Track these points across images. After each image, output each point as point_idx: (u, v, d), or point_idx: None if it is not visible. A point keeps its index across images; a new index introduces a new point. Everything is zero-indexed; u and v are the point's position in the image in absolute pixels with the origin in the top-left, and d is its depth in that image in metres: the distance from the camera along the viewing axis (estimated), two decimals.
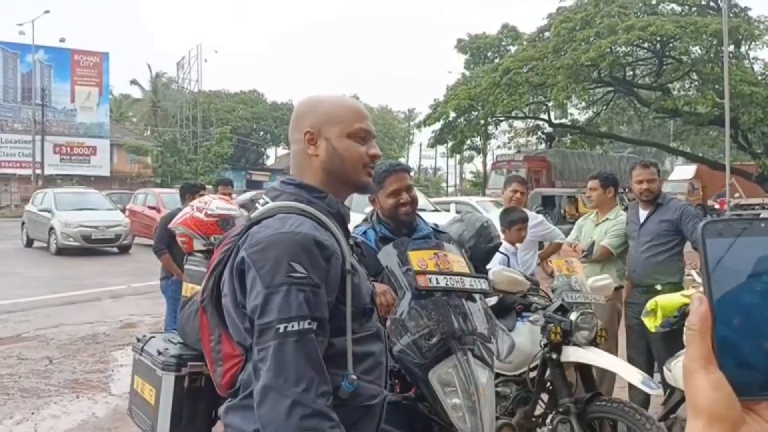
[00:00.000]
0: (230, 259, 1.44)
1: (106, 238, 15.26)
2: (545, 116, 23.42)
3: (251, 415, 1.37)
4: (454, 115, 21.11)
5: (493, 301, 3.10)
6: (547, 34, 20.50)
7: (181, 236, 2.98)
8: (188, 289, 2.73)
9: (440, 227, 2.94)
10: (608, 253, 4.33)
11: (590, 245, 4.19)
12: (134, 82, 46.35)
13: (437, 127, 22.12)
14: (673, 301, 3.42)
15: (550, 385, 3.28)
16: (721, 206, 20.35)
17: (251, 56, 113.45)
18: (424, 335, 2.19)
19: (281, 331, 1.31)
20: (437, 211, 13.33)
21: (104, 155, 36.90)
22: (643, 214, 4.21)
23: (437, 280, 2.25)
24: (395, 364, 2.15)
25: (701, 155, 24.41)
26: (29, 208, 17.08)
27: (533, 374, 3.27)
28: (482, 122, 21.20)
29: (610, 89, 21.02)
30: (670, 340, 3.59)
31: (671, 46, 18.53)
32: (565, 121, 25.50)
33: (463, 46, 30.79)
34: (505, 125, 27.62)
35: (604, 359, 3.18)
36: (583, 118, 25.12)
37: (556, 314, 3.18)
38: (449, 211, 13.49)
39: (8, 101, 35.10)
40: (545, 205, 16.26)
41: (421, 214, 2.91)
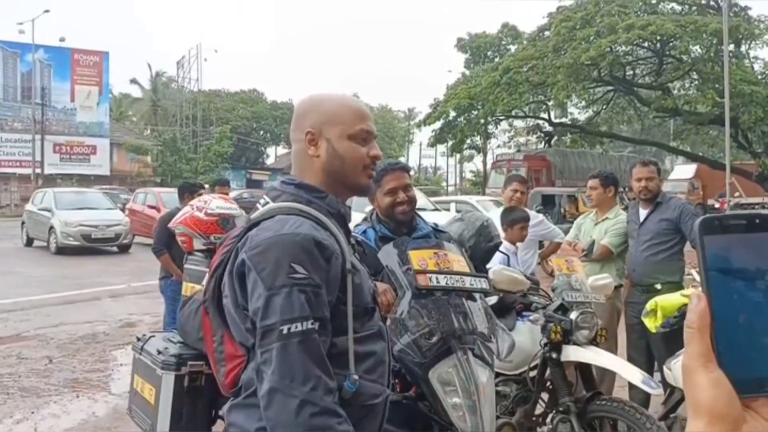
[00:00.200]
0: (230, 260, 1.44)
1: (105, 237, 15.26)
2: (545, 115, 23.41)
3: (254, 413, 1.38)
4: (454, 114, 21.11)
5: (493, 300, 3.10)
6: (547, 33, 20.49)
7: (180, 235, 2.98)
8: (188, 288, 2.73)
9: (440, 226, 2.94)
10: (608, 252, 4.33)
11: (590, 244, 4.19)
12: (134, 81, 46.44)
13: (437, 126, 22.12)
14: (672, 301, 3.42)
15: (550, 384, 3.28)
16: (721, 206, 20.33)
17: (251, 55, 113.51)
18: (424, 334, 2.19)
19: (284, 332, 1.31)
20: (437, 210, 13.32)
21: (104, 154, 36.91)
22: (642, 213, 4.21)
23: (437, 279, 2.25)
24: (395, 363, 2.15)
25: (701, 154, 24.40)
26: (29, 207, 17.08)
27: (533, 373, 3.27)
28: (482, 121, 21.20)
29: (610, 88, 21.02)
30: (670, 339, 3.59)
31: (671, 45, 18.53)
32: (565, 120, 25.50)
33: (463, 45, 30.79)
34: (505, 124, 27.66)
35: (604, 358, 3.18)
36: (583, 117, 25.12)
37: (556, 313, 3.18)
38: (449, 210, 13.49)
39: (8, 100, 35.10)
40: (545, 204, 16.22)
41: (420, 213, 2.91)
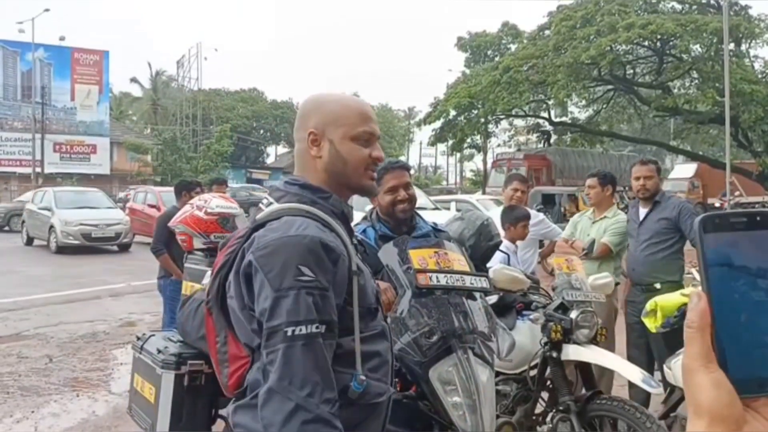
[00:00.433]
0: (235, 261, 1.44)
1: (106, 236, 15.27)
2: (545, 114, 23.39)
3: None
4: (454, 113, 21.08)
5: (493, 299, 3.10)
6: (547, 32, 20.47)
7: (180, 235, 2.98)
8: (188, 287, 2.73)
9: (439, 226, 2.94)
10: (608, 250, 4.33)
11: (591, 243, 4.19)
12: (134, 80, 46.40)
13: (437, 125, 22.09)
14: (672, 300, 3.42)
15: (550, 383, 3.28)
16: (722, 205, 20.33)
17: (251, 54, 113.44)
18: (424, 333, 2.19)
19: (289, 334, 1.31)
20: (437, 209, 13.32)
21: (104, 153, 36.91)
22: (642, 212, 4.21)
23: (437, 278, 2.25)
24: (396, 362, 2.15)
25: (701, 153, 24.37)
26: (29, 206, 17.07)
27: (533, 372, 3.27)
28: (482, 120, 21.18)
29: (610, 87, 21.00)
30: (670, 339, 3.59)
31: (671, 44, 18.51)
32: (565, 119, 25.49)
33: (463, 44, 30.76)
34: (505, 123, 27.63)
35: (604, 358, 3.18)
36: (583, 116, 25.11)
37: (556, 312, 3.18)
38: (449, 209, 13.48)
39: (8, 99, 35.10)
40: (545, 203, 16.23)
41: (420, 212, 2.91)
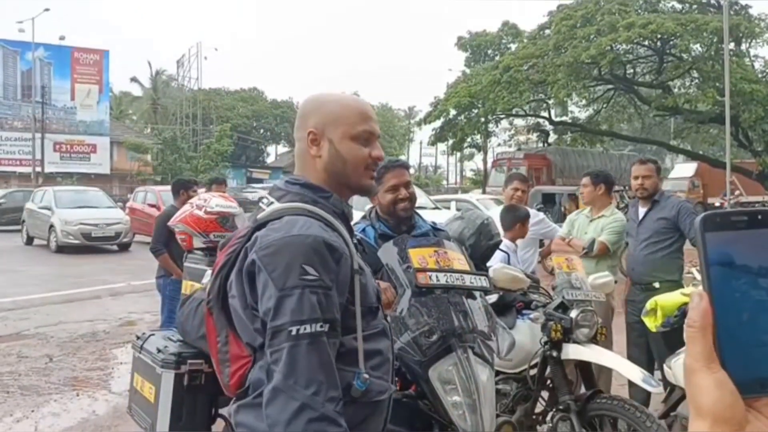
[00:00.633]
0: (237, 261, 1.44)
1: (105, 235, 15.27)
2: (546, 114, 23.38)
3: (263, 413, 1.38)
4: (454, 112, 21.07)
5: (493, 298, 3.10)
6: (547, 31, 20.45)
7: (180, 234, 2.98)
8: (188, 286, 2.73)
9: (438, 225, 2.94)
10: (605, 249, 4.34)
11: (591, 242, 4.21)
12: (134, 79, 46.34)
13: (437, 124, 22.08)
14: (673, 300, 3.41)
15: (550, 382, 3.28)
16: (722, 204, 20.30)
17: (251, 54, 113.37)
18: (424, 333, 2.19)
19: (294, 333, 1.31)
20: (437, 208, 13.31)
21: (104, 153, 36.90)
22: (642, 211, 4.21)
23: (437, 277, 2.25)
24: (396, 361, 2.15)
25: (702, 153, 24.35)
26: (29, 205, 17.08)
27: (533, 372, 3.27)
28: (483, 120, 21.17)
29: (610, 87, 20.98)
30: (670, 338, 3.59)
31: (672, 43, 18.49)
32: (565, 118, 25.47)
33: (463, 43, 30.79)
34: (505, 123, 27.59)
35: (604, 357, 3.18)
36: (583, 115, 25.09)
37: (556, 312, 3.18)
38: (449, 208, 13.48)
39: (8, 99, 35.09)
40: (545, 202, 16.20)
41: (421, 212, 2.91)
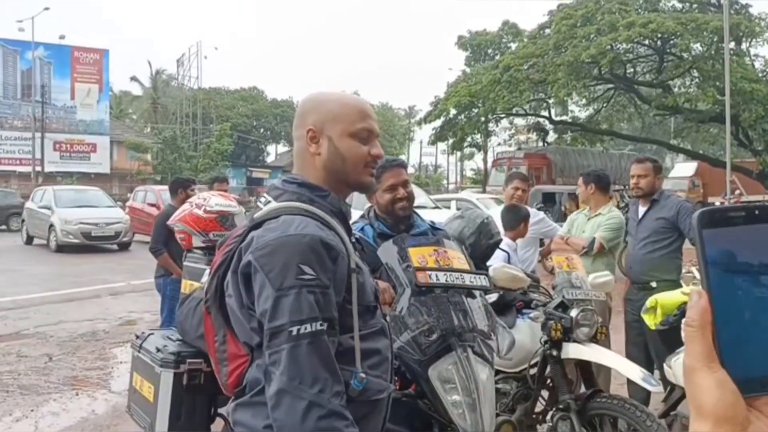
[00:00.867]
0: (233, 260, 1.43)
1: (105, 235, 15.26)
2: (546, 113, 23.37)
3: (261, 411, 1.38)
4: (454, 112, 21.06)
5: (493, 297, 3.09)
6: (547, 30, 20.44)
7: (179, 233, 2.97)
8: (187, 285, 2.72)
9: (437, 224, 2.93)
10: (601, 246, 4.36)
11: (591, 241, 4.22)
12: (134, 79, 46.30)
13: (438, 124, 22.08)
14: (673, 298, 3.41)
15: (550, 381, 3.27)
16: (722, 204, 20.26)
17: (251, 53, 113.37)
18: (423, 332, 2.18)
19: (294, 333, 1.31)
20: (437, 208, 13.30)
21: (104, 152, 36.88)
22: (641, 210, 4.22)
23: (437, 276, 2.24)
24: (395, 360, 2.15)
25: (702, 152, 24.33)
26: (29, 205, 17.07)
27: (533, 371, 3.26)
28: (483, 119, 21.16)
29: (610, 86, 20.96)
30: (668, 337, 3.59)
31: (672, 43, 18.48)
32: (565, 118, 25.47)
33: (463, 42, 30.78)
34: (505, 122, 27.57)
35: (604, 356, 3.18)
36: (583, 115, 25.08)
37: (556, 311, 3.18)
38: (450, 208, 13.47)
39: (8, 98, 35.07)
40: (546, 202, 16.17)
41: (421, 211, 2.91)
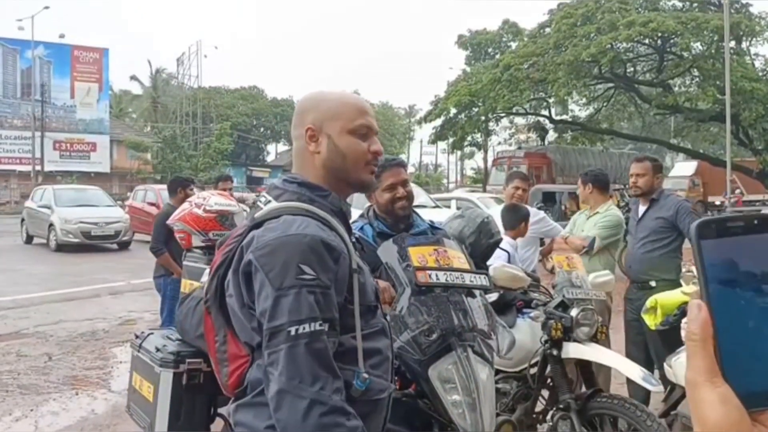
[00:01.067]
0: (233, 260, 1.43)
1: (105, 234, 15.24)
2: (546, 112, 23.38)
3: (262, 412, 1.38)
4: (454, 111, 21.09)
5: (493, 297, 3.09)
6: (547, 30, 20.45)
7: (179, 232, 2.97)
8: (187, 285, 2.72)
9: (436, 223, 2.93)
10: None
11: (591, 241, 4.23)
12: (134, 78, 46.33)
13: (438, 123, 22.11)
14: (673, 298, 3.41)
15: (550, 381, 3.27)
16: (722, 203, 20.29)
17: (251, 52, 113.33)
18: (423, 331, 2.18)
19: (292, 333, 1.30)
20: (438, 207, 13.30)
21: (104, 151, 36.90)
22: (641, 209, 4.23)
23: (437, 276, 2.24)
24: (395, 360, 2.14)
25: (702, 152, 24.37)
26: (29, 204, 17.06)
27: (534, 370, 3.26)
28: (483, 118, 21.18)
29: (610, 85, 20.99)
30: (668, 336, 3.58)
31: (672, 42, 18.50)
32: (566, 117, 25.47)
33: (463, 42, 30.78)
34: (505, 121, 27.60)
35: (604, 355, 3.17)
36: (584, 114, 25.11)
37: (556, 310, 3.17)
38: (450, 207, 13.46)
39: (8, 97, 35.07)
40: (546, 201, 16.18)
41: (421, 211, 2.91)
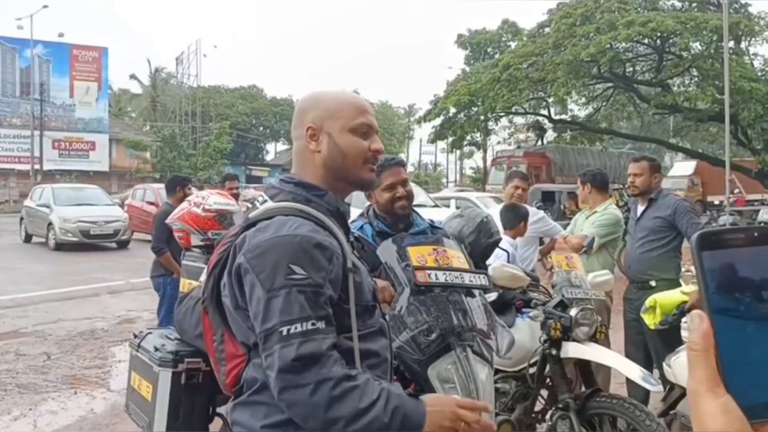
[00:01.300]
0: (228, 260, 1.43)
1: (104, 233, 15.24)
2: (545, 112, 23.38)
3: (259, 411, 1.39)
4: (454, 110, 21.08)
5: (492, 297, 3.09)
6: (547, 29, 20.43)
7: (178, 231, 2.96)
8: (185, 284, 2.71)
9: (436, 223, 2.93)
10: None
11: (590, 240, 4.22)
12: (133, 77, 46.34)
13: (437, 122, 22.10)
14: (672, 298, 3.42)
15: (549, 381, 3.27)
16: (722, 202, 20.30)
17: (250, 51, 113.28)
18: (423, 331, 2.17)
19: (284, 334, 1.30)
20: (437, 206, 13.30)
21: (103, 150, 36.87)
22: (640, 209, 4.23)
23: (436, 275, 2.23)
24: (394, 360, 2.14)
25: (701, 151, 24.37)
26: (28, 203, 17.05)
27: (533, 370, 3.26)
28: (482, 118, 21.16)
29: (609, 85, 20.97)
30: (667, 336, 3.59)
31: (671, 41, 18.49)
32: (565, 117, 25.45)
33: (463, 41, 30.80)
34: (505, 121, 27.59)
35: (604, 355, 3.17)
36: (583, 113, 25.09)
37: (556, 310, 3.17)
38: (449, 207, 13.46)
39: (7, 96, 35.04)
40: (545, 201, 16.18)
41: (420, 210, 2.90)
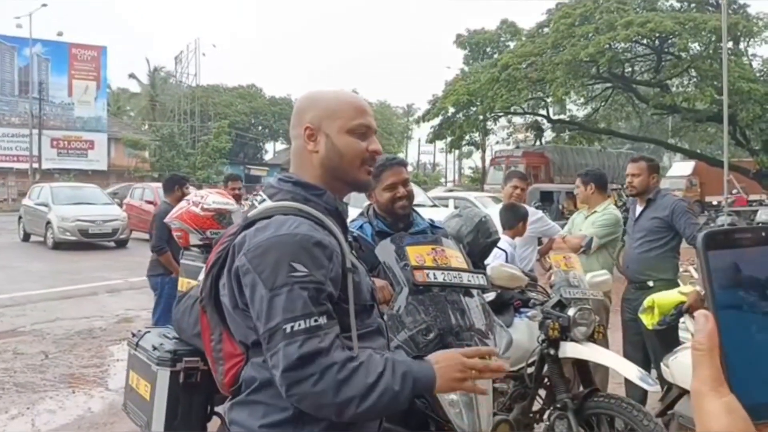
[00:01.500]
0: (226, 259, 1.43)
1: (103, 232, 15.23)
2: (544, 112, 23.38)
3: (257, 410, 1.39)
4: (452, 110, 21.06)
5: (491, 296, 3.09)
6: (546, 29, 20.42)
7: (176, 231, 2.96)
8: (184, 283, 2.71)
9: (436, 223, 2.93)
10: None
11: (589, 240, 4.23)
12: (132, 76, 46.31)
13: (436, 122, 22.08)
14: (670, 298, 3.42)
15: (547, 381, 3.27)
16: (720, 203, 20.31)
17: (249, 51, 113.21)
18: (421, 331, 2.18)
19: (288, 331, 1.30)
20: (436, 206, 13.30)
21: (102, 149, 36.83)
22: (638, 209, 4.24)
23: (435, 275, 2.24)
24: None
25: (699, 152, 24.36)
26: (26, 202, 17.03)
27: (531, 370, 3.26)
28: (481, 118, 21.13)
29: (608, 85, 20.97)
30: (665, 336, 3.60)
31: (670, 42, 18.49)
32: (563, 117, 25.45)
33: (462, 41, 30.72)
34: (503, 121, 27.57)
35: (602, 355, 3.17)
36: (581, 114, 25.08)
37: (554, 310, 3.18)
38: (448, 206, 13.47)
39: (5, 95, 34.98)
40: (544, 200, 16.22)
41: (419, 210, 2.91)
